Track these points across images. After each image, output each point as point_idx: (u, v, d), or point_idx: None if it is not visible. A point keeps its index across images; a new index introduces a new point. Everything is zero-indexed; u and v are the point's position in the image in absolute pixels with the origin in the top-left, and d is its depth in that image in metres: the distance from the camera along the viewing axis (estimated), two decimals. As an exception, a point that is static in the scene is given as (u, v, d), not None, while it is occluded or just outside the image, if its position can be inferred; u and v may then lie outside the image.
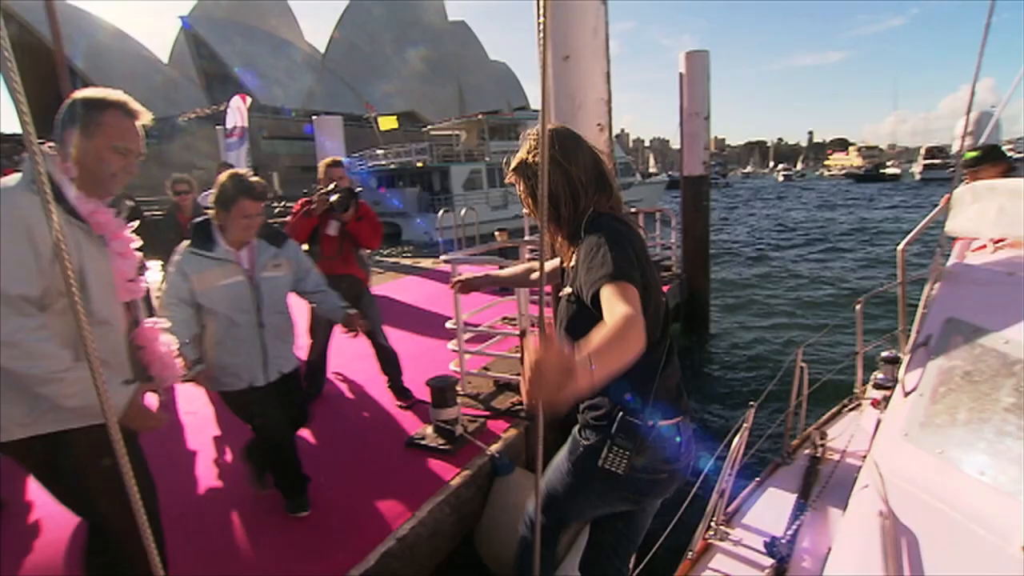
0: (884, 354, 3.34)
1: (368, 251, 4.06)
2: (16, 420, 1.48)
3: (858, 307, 3.39)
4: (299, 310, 2.86)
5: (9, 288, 1.38)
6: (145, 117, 1.65)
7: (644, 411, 1.50)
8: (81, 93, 1.58)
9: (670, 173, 47.67)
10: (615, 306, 1.24)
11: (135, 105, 1.63)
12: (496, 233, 7.89)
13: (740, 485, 2.52)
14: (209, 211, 2.47)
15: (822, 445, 2.92)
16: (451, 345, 4.26)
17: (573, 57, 3.14)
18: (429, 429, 3.38)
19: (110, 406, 0.71)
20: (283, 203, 26.73)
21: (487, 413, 3.67)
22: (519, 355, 3.79)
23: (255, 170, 3.74)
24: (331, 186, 3.68)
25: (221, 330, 2.39)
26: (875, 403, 3.13)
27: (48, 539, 2.62)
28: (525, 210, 1.70)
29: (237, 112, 8.97)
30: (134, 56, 48.92)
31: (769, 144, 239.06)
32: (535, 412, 0.95)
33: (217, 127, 10.19)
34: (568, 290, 1.56)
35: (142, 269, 1.84)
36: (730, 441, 2.33)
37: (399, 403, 3.94)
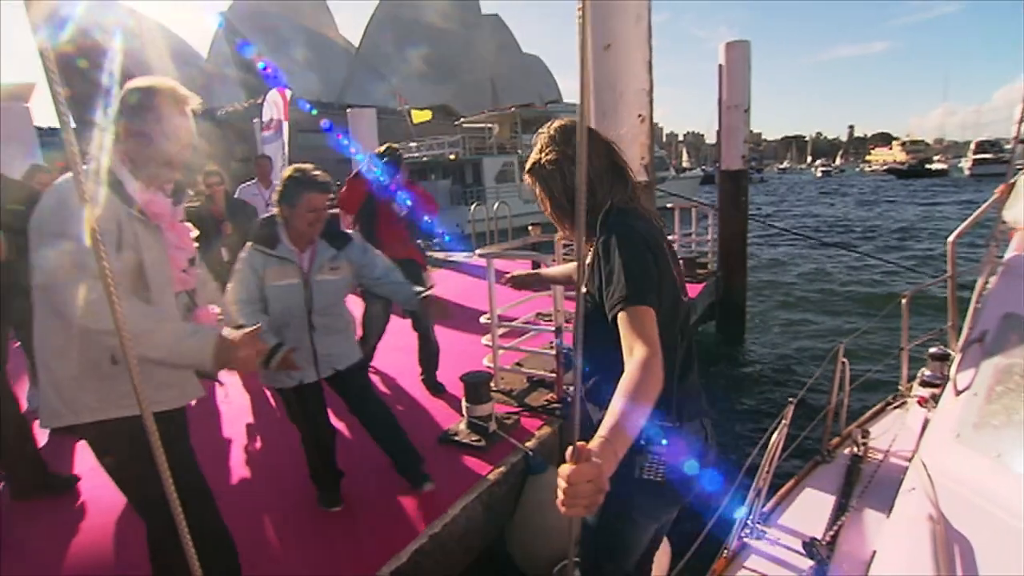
0: (932, 350, 3.21)
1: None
2: (87, 404, 1.51)
3: (904, 301, 3.27)
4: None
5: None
6: (193, 102, 1.65)
7: (669, 413, 1.47)
8: (132, 83, 1.59)
9: (704, 168, 46.91)
10: (632, 344, 1.25)
11: (183, 91, 1.63)
12: (529, 227, 7.83)
13: (777, 483, 2.45)
14: (273, 208, 2.48)
15: (864, 444, 2.83)
16: (485, 340, 4.26)
17: (614, 46, 3.10)
18: (462, 425, 3.39)
19: (145, 401, 0.71)
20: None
21: (520, 410, 3.67)
22: (553, 351, 3.78)
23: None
24: (383, 150, 3.74)
25: (272, 328, 2.38)
26: (922, 401, 3.02)
27: (100, 521, 2.72)
28: (544, 211, 1.65)
29: (274, 106, 9.04)
30: (174, 51, 50.10)
31: (807, 139, 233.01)
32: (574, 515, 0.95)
33: (254, 120, 10.30)
34: (583, 289, 1.52)
35: (194, 260, 1.87)
36: (767, 438, 2.27)
37: (433, 396, 3.98)
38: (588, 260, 1.51)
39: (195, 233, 1.84)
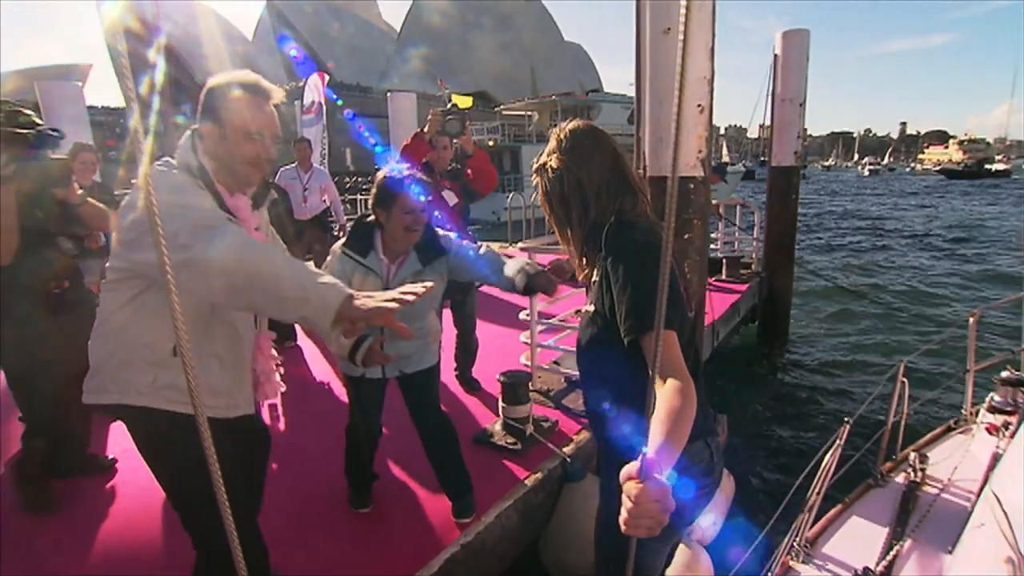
0: (1003, 375, 2.97)
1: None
2: (136, 386, 1.47)
3: (972, 320, 3.04)
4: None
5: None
6: (277, 96, 1.57)
7: None
8: (212, 80, 1.53)
9: (746, 164, 45.75)
10: (664, 372, 1.19)
11: (265, 85, 1.55)
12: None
13: (824, 506, 2.29)
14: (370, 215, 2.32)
15: (922, 469, 2.63)
16: (523, 337, 4.10)
17: (675, 30, 2.87)
18: (498, 426, 3.24)
19: (200, 401, 0.67)
20: (355, 179, 27.40)
21: (558, 412, 3.50)
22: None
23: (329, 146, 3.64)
24: (450, 109, 3.44)
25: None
26: (991, 429, 2.80)
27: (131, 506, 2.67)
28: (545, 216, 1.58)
29: (314, 89, 9.08)
30: (221, 33, 51.02)
31: (855, 135, 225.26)
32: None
33: (295, 102, 10.34)
34: (591, 308, 1.46)
35: None
36: (820, 457, 2.13)
37: (467, 393, 3.84)
38: (594, 278, 1.44)
39: (273, 236, 1.76)
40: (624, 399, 1.39)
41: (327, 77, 9.63)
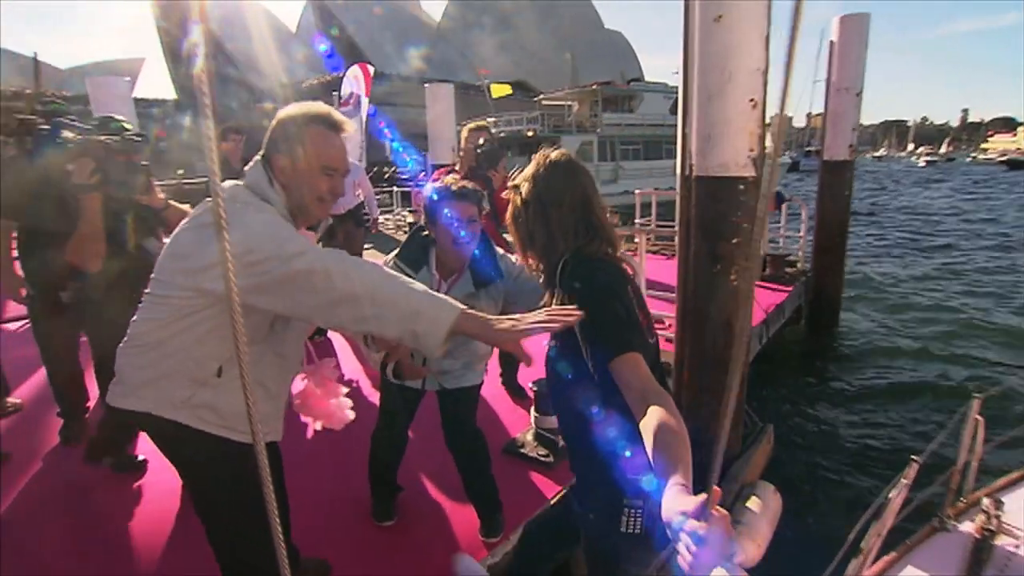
0: None
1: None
2: (171, 400, 1.43)
3: None
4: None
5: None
6: (349, 129, 1.56)
7: (641, 461, 1.35)
8: (285, 111, 1.52)
9: (791, 155, 44.21)
10: (640, 391, 1.22)
11: (338, 117, 1.54)
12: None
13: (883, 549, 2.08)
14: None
15: (997, 516, 2.35)
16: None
17: (727, 17, 2.65)
18: (530, 436, 3.11)
19: (257, 429, 0.66)
20: (394, 168, 27.56)
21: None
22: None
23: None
24: (481, 142, 3.35)
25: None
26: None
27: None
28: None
29: (354, 80, 9.06)
30: (267, 26, 51.94)
31: (909, 124, 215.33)
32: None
33: (332, 93, 10.35)
34: (554, 343, 1.51)
35: None
36: (885, 495, 1.95)
37: (511, 399, 3.72)
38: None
39: None
40: (600, 429, 1.40)
41: (371, 69, 9.56)
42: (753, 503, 2.98)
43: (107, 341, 2.35)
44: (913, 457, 1.99)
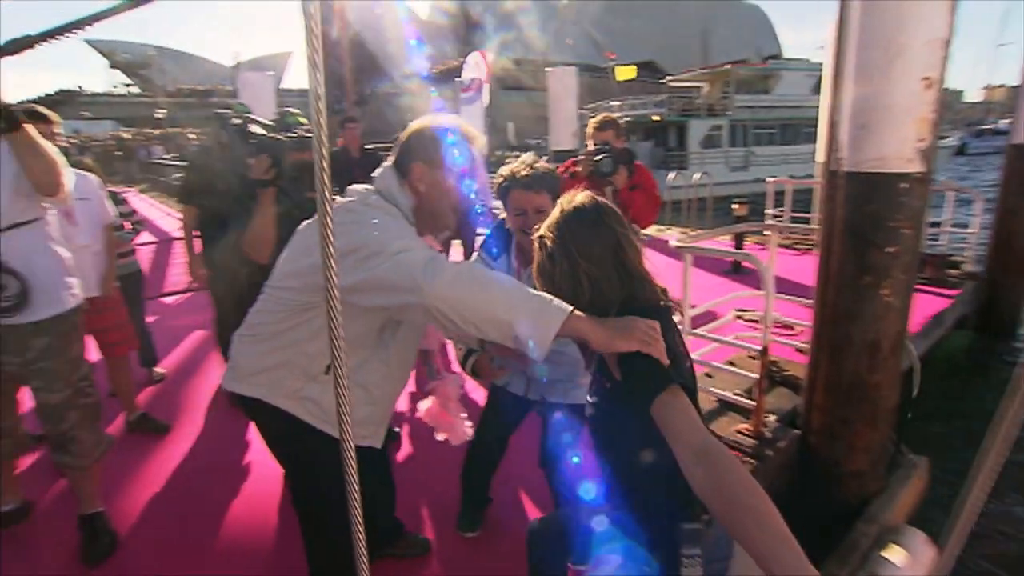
0: None
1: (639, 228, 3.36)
2: (284, 390, 1.53)
3: None
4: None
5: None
6: (480, 143, 1.61)
7: (692, 510, 1.29)
8: (419, 123, 1.57)
9: (960, 136, 38.74)
10: (686, 435, 1.07)
11: (472, 131, 1.61)
12: (734, 205, 6.80)
13: None
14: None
15: None
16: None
17: (898, -21, 2.20)
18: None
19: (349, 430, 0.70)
20: (515, 152, 27.73)
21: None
22: (759, 374, 3.04)
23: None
24: (600, 146, 3.15)
25: None
26: None
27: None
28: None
29: (475, 66, 9.15)
30: (397, 14, 54.19)
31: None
32: None
33: (456, 79, 10.49)
34: (594, 399, 1.40)
35: None
36: None
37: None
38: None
39: None
40: (634, 478, 1.34)
41: (490, 56, 9.61)
42: (895, 554, 2.55)
43: None
44: None
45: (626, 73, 27.59)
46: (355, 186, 1.57)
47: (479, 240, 2.17)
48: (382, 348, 1.58)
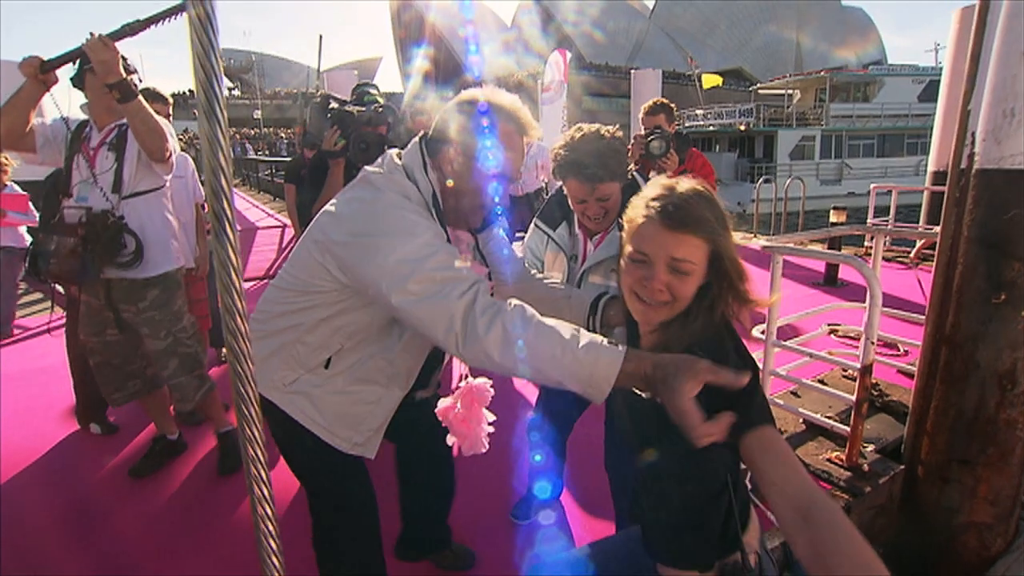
0: None
1: None
2: (274, 381, 1.38)
3: None
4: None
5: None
6: (535, 135, 1.39)
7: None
8: (470, 95, 1.35)
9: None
10: (796, 480, 0.89)
11: (526, 119, 1.37)
12: (832, 212, 6.30)
13: None
14: None
15: None
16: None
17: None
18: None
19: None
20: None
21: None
22: (856, 396, 2.66)
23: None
24: (652, 130, 3.07)
25: None
26: None
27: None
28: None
29: (554, 67, 9.06)
30: (484, 21, 55.09)
31: None
32: None
33: (538, 80, 10.47)
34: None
35: None
36: None
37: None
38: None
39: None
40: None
41: (568, 55, 9.51)
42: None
43: None
44: None
45: (711, 81, 26.77)
46: (392, 151, 1.40)
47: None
48: (387, 347, 1.43)
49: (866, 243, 6.76)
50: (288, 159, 11.02)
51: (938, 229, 2.49)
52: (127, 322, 2.49)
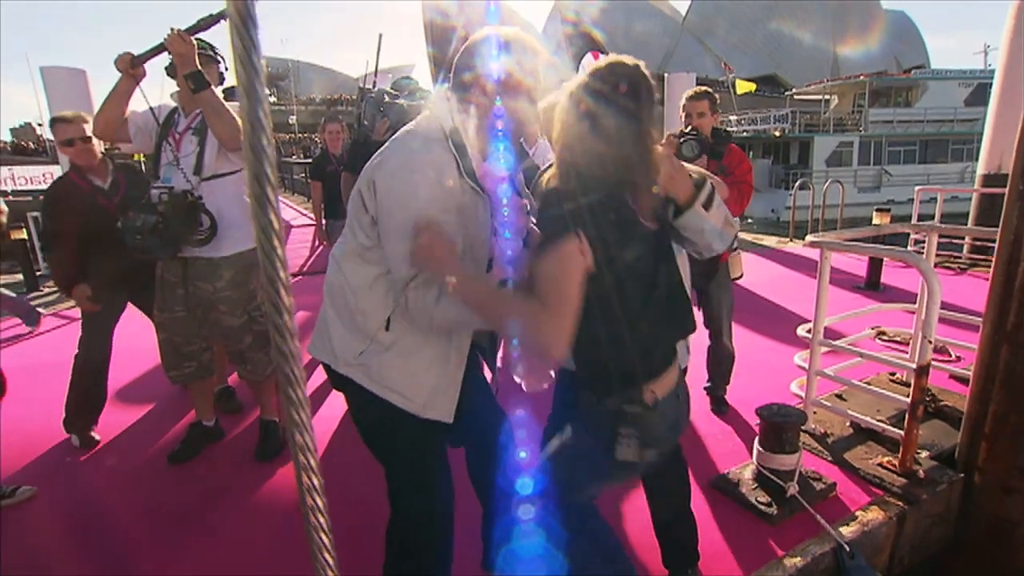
0: None
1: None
2: (345, 357, 1.44)
3: None
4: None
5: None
6: (544, 57, 1.44)
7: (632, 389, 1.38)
8: (476, 34, 1.43)
9: None
10: None
11: (530, 41, 1.42)
12: (876, 214, 6.11)
13: None
14: None
15: None
16: (798, 359, 3.22)
17: None
18: (747, 472, 2.50)
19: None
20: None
21: (837, 470, 2.60)
22: (910, 397, 2.54)
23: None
24: (687, 130, 3.00)
25: None
26: None
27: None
28: None
29: (586, 69, 9.03)
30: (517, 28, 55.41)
31: None
32: None
33: (562, 83, 10.42)
34: None
35: (526, 241, 1.66)
36: None
37: (714, 415, 3.16)
38: None
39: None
40: None
41: (600, 56, 9.45)
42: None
43: None
44: None
45: (745, 87, 26.41)
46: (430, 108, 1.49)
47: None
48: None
49: (910, 248, 6.55)
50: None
51: (989, 230, 2.38)
52: (202, 300, 2.60)
